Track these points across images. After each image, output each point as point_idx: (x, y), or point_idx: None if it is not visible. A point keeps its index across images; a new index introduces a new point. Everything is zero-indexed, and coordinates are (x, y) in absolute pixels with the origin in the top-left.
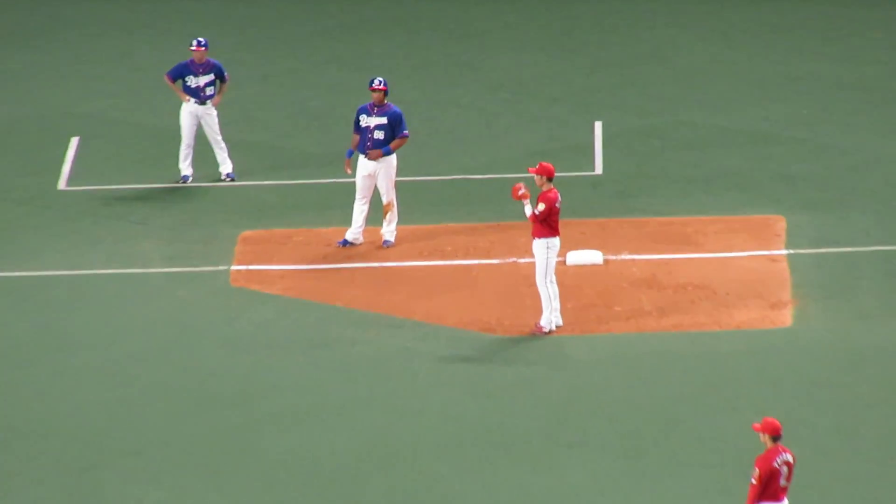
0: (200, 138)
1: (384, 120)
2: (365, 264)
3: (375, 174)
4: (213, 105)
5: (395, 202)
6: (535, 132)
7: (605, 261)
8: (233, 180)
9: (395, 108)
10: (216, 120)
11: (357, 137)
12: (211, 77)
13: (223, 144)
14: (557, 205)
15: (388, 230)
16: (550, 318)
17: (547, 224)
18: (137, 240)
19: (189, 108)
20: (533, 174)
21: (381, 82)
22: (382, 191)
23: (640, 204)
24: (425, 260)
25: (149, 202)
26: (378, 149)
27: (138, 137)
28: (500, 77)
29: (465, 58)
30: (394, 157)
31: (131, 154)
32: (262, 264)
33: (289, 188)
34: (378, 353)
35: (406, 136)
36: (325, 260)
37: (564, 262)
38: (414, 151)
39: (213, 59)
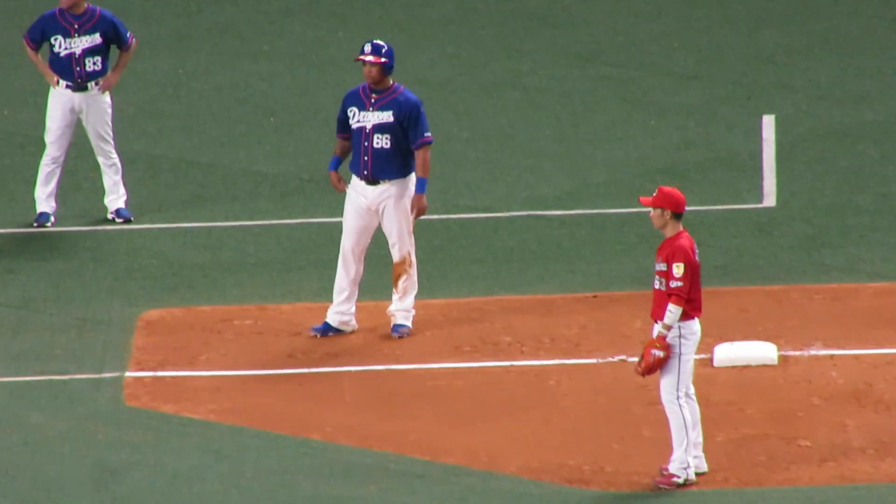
0: (77, 147)
1: (388, 116)
2: (361, 367)
3: (378, 208)
4: (102, 90)
5: (413, 258)
6: (655, 135)
7: (783, 359)
8: (128, 221)
9: (408, 94)
10: (106, 117)
11: (346, 143)
12: (96, 40)
13: (114, 158)
14: (696, 258)
15: (402, 308)
16: (686, 458)
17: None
18: None
19: (59, 96)
20: (648, 208)
21: (376, 48)
22: (392, 238)
23: (842, 259)
24: (465, 360)
25: None
26: (386, 185)
27: None
28: (594, 39)
29: (533, 6)
30: (411, 177)
31: None
32: (180, 369)
33: (224, 234)
34: None
35: (427, 142)
36: (290, 361)
37: (710, 361)
38: (445, 171)
39: (103, 10)
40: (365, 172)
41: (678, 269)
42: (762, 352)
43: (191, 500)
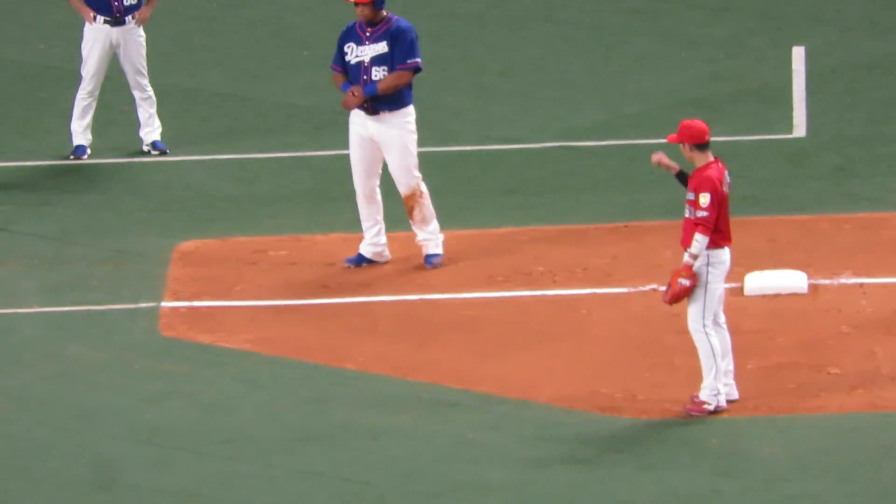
0: (111, 81)
1: (383, 46)
2: (394, 297)
3: (380, 140)
4: (139, 23)
5: (421, 188)
6: (686, 67)
7: (813, 288)
8: (163, 154)
9: (401, 22)
10: (142, 50)
11: (343, 79)
12: None
13: (149, 91)
14: (725, 188)
15: (428, 236)
16: (717, 386)
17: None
18: None
19: (96, 32)
20: (674, 143)
21: None
22: (396, 174)
23: (871, 189)
24: (497, 290)
25: (14, 193)
26: (386, 115)
27: None
28: None
29: None
30: (409, 110)
31: None
32: (215, 299)
33: (258, 166)
34: (417, 451)
35: (412, 68)
36: (324, 291)
37: (741, 290)
38: (478, 103)
39: None
40: (365, 104)
41: (704, 199)
42: (792, 281)
43: (226, 429)
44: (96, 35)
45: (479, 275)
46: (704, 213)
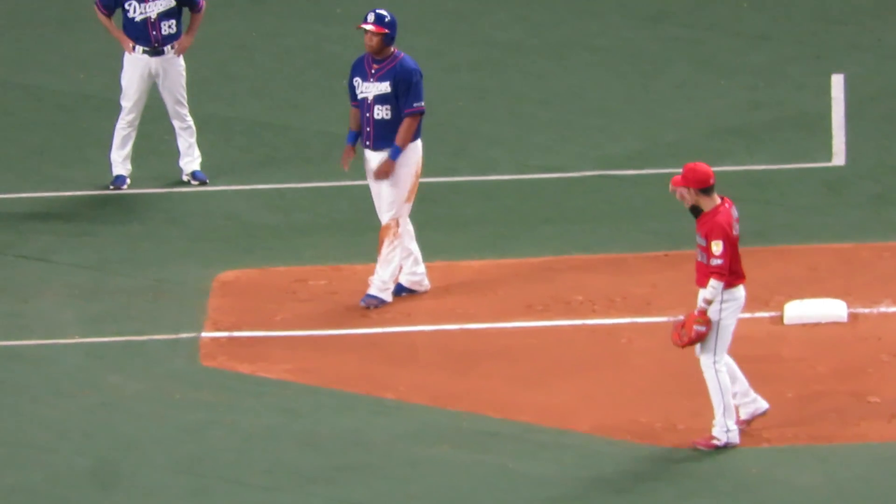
0: (151, 110)
1: (386, 86)
2: (434, 327)
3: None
4: (178, 53)
5: (400, 228)
6: (724, 95)
7: (852, 316)
8: (203, 183)
9: (407, 62)
10: (182, 80)
11: (355, 123)
12: (171, 3)
13: (189, 121)
14: (735, 230)
15: (378, 277)
16: (726, 422)
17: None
18: (35, 288)
19: (135, 61)
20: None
21: (379, 18)
22: (385, 202)
23: None
24: (536, 319)
25: (54, 223)
26: (387, 153)
27: (32, 111)
28: (663, 0)
29: None
30: (412, 147)
31: (19, 141)
32: (255, 329)
33: (298, 196)
34: (457, 480)
35: (417, 112)
36: (363, 321)
37: (781, 319)
38: (516, 132)
39: None
40: (367, 143)
41: (717, 247)
42: (832, 309)
43: (266, 459)
44: (135, 65)
45: (518, 304)
46: (719, 261)
